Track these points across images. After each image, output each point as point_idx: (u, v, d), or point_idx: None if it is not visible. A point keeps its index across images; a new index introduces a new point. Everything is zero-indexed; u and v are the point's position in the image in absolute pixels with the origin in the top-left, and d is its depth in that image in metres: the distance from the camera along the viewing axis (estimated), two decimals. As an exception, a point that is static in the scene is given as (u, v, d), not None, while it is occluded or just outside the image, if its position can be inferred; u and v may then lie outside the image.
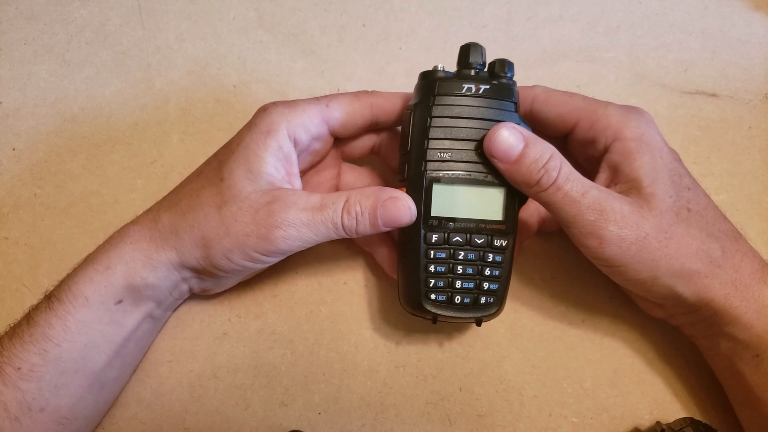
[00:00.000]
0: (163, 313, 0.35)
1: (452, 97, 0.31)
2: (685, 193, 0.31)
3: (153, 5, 0.47)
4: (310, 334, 0.38)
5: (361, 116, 0.34)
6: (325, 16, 0.46)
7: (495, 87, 0.31)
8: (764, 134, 0.42)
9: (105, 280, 0.31)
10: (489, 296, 0.32)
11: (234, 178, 0.31)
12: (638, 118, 0.32)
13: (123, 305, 0.31)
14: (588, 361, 0.37)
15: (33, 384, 0.29)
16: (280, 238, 0.29)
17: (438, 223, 0.31)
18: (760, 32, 0.45)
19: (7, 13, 0.47)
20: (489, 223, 0.31)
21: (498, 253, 0.31)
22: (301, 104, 0.33)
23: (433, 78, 0.32)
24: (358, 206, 0.30)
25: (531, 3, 0.46)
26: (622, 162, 0.31)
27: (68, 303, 0.30)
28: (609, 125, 0.32)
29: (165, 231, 0.31)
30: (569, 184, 0.29)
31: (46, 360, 0.30)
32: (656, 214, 0.30)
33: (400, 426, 0.36)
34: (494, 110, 0.31)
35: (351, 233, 0.31)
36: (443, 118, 0.31)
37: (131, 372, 0.36)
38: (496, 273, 0.32)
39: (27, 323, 0.30)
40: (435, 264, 0.31)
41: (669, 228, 0.30)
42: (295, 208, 0.30)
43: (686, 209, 0.31)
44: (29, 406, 0.29)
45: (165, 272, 0.32)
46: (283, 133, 0.31)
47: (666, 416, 0.35)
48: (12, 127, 0.43)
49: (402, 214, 0.30)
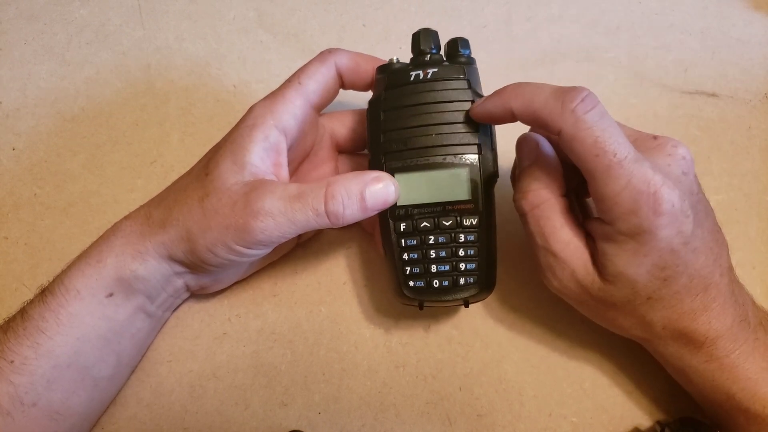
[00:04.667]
0: (158, 310, 0.35)
1: (402, 87, 0.31)
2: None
3: (153, 5, 0.47)
4: (310, 334, 0.38)
5: (330, 78, 0.34)
6: (325, 16, 0.46)
7: (444, 68, 0.31)
8: (764, 134, 0.42)
9: (96, 273, 0.31)
10: (468, 276, 0.32)
11: (218, 170, 0.31)
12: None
13: (114, 299, 0.31)
14: (588, 361, 0.37)
15: (25, 378, 0.29)
16: (258, 229, 0.29)
17: (405, 212, 0.31)
18: (760, 32, 0.45)
19: (7, 13, 0.47)
20: (456, 204, 0.31)
21: (470, 232, 0.31)
22: (280, 92, 0.33)
23: (386, 71, 0.32)
24: (343, 191, 0.30)
25: (531, 3, 0.46)
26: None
27: (60, 296, 0.31)
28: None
29: (154, 225, 0.32)
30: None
31: (39, 353, 0.30)
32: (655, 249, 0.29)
33: (400, 426, 0.36)
34: (446, 92, 0.31)
35: (337, 220, 0.30)
36: (395, 110, 0.31)
37: (129, 372, 0.36)
38: (471, 252, 0.31)
39: (21, 317, 0.31)
40: (408, 252, 0.32)
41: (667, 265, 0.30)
42: (271, 197, 0.29)
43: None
44: (21, 400, 0.29)
45: (154, 264, 0.32)
46: (270, 124, 0.31)
47: (666, 416, 0.35)
48: (12, 127, 0.43)
49: (389, 193, 0.30)
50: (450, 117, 0.31)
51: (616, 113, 0.32)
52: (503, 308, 0.38)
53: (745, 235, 0.34)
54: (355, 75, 0.34)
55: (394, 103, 0.31)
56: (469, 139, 0.31)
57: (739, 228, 0.33)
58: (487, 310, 0.38)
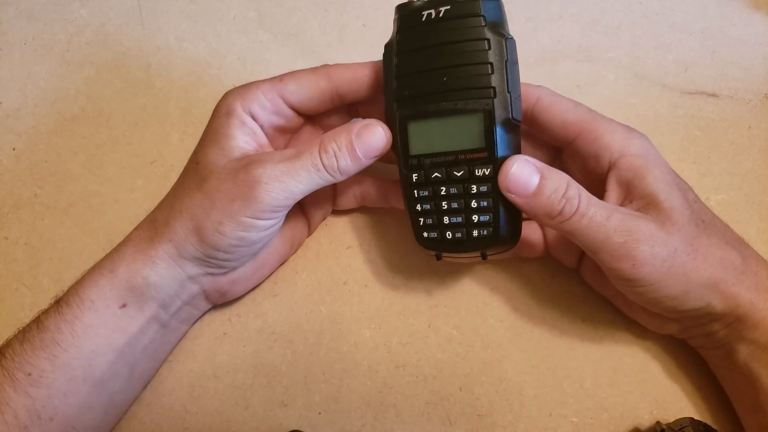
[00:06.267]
0: (173, 320, 0.34)
1: (414, 28, 0.29)
2: (695, 205, 0.31)
3: (153, 5, 0.47)
4: (310, 334, 0.38)
5: (317, 87, 0.33)
6: (325, 16, 0.46)
7: (458, 5, 0.29)
8: (764, 134, 0.42)
9: (109, 284, 0.31)
10: (482, 229, 0.30)
11: (208, 157, 0.31)
12: (640, 137, 0.32)
13: (128, 310, 0.31)
14: (588, 361, 0.37)
15: (42, 391, 0.29)
16: (263, 191, 0.29)
17: (417, 161, 0.30)
18: (760, 32, 0.45)
19: (7, 13, 0.47)
20: (468, 152, 0.29)
21: (483, 183, 0.30)
22: (256, 82, 0.33)
23: (402, 12, 0.30)
24: (333, 143, 0.30)
25: (531, 3, 0.46)
26: (634, 178, 0.31)
27: (75, 307, 0.30)
28: (613, 141, 0.31)
29: (159, 226, 0.32)
30: (592, 209, 0.29)
31: (55, 366, 0.29)
32: (680, 228, 0.30)
33: (400, 426, 0.36)
34: (460, 30, 0.29)
35: (334, 173, 0.30)
36: (407, 53, 0.30)
37: (142, 385, 0.35)
38: (484, 204, 0.30)
39: (37, 328, 0.30)
40: (421, 203, 0.31)
41: (693, 240, 0.30)
42: (271, 162, 0.30)
43: (701, 221, 0.31)
44: (39, 414, 0.29)
45: (165, 268, 0.32)
46: (241, 110, 0.32)
47: (666, 416, 0.35)
48: (12, 127, 0.43)
49: (378, 138, 0.30)
50: (462, 58, 0.29)
51: (616, 113, 0.33)
52: (503, 308, 0.38)
53: (745, 235, 0.33)
54: (354, 84, 0.33)
55: (406, 46, 0.30)
56: (482, 81, 0.29)
57: (739, 228, 0.33)
58: (487, 310, 0.38)
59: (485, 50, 0.28)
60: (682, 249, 0.29)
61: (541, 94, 0.33)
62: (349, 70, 0.33)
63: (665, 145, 0.42)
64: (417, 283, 0.38)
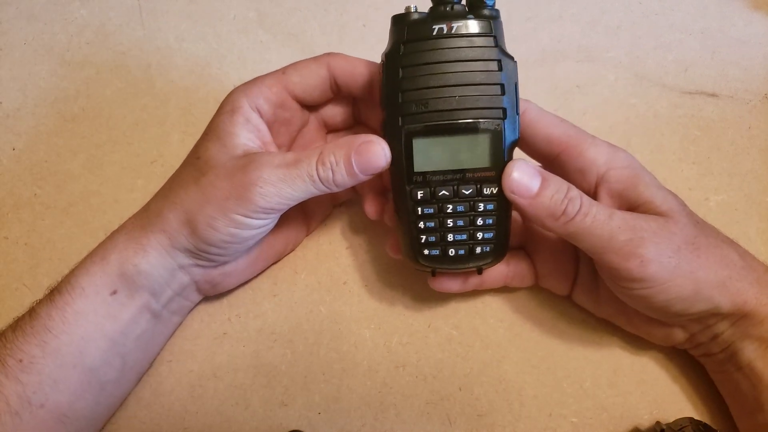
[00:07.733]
0: (164, 311, 0.35)
1: (423, 41, 0.29)
2: (685, 208, 0.32)
3: (153, 5, 0.47)
4: (310, 334, 0.38)
5: (318, 76, 0.33)
6: (325, 16, 0.46)
7: (470, 23, 0.29)
8: (764, 134, 0.42)
9: (100, 271, 0.31)
10: (485, 245, 0.31)
11: (209, 153, 0.32)
12: (624, 151, 0.32)
13: (118, 297, 0.32)
14: (588, 361, 0.37)
15: (33, 377, 0.29)
16: (258, 194, 0.29)
17: (422, 178, 0.30)
18: (760, 32, 0.45)
19: (7, 13, 0.47)
20: (476, 171, 0.30)
21: (489, 201, 0.30)
22: (260, 77, 0.33)
23: (404, 22, 0.29)
24: (332, 156, 0.30)
25: (531, 3, 0.46)
26: (626, 188, 0.31)
27: (66, 294, 0.31)
28: (599, 155, 0.32)
29: (152, 216, 0.32)
30: (594, 208, 0.29)
31: (46, 352, 0.30)
32: (681, 226, 0.30)
33: (400, 426, 0.36)
34: (471, 49, 0.28)
35: (329, 185, 0.30)
36: (415, 67, 0.29)
37: (135, 377, 0.36)
38: (489, 222, 0.31)
39: (29, 316, 0.31)
40: (424, 220, 0.31)
41: (695, 239, 0.30)
42: (269, 165, 0.30)
43: (696, 221, 0.31)
44: (29, 400, 0.29)
45: (156, 257, 0.32)
46: (246, 107, 0.32)
47: (666, 416, 0.35)
48: (12, 127, 0.43)
49: (377, 158, 0.30)
50: (474, 77, 0.29)
51: (616, 113, 0.33)
52: (503, 308, 0.38)
53: (745, 235, 0.34)
54: (350, 77, 0.34)
55: (414, 59, 0.29)
56: (494, 102, 0.29)
57: (739, 228, 0.33)
58: (487, 310, 0.38)
59: (497, 71, 0.29)
60: (685, 247, 0.29)
61: (527, 108, 0.33)
62: (348, 63, 0.34)
63: (665, 145, 0.42)
64: (417, 283, 0.39)
